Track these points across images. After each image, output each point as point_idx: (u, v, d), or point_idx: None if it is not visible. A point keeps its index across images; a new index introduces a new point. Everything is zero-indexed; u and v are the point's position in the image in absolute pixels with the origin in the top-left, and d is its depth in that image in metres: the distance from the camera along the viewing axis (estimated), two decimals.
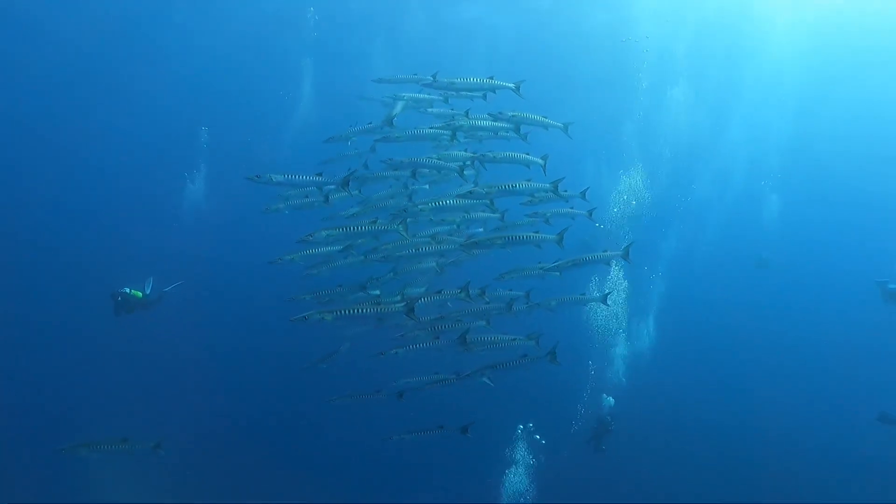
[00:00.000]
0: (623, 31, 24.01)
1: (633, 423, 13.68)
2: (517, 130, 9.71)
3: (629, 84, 23.70)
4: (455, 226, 9.64)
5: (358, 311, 8.49)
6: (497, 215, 9.62)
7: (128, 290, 11.91)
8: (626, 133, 23.27)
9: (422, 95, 10.15)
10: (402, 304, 8.71)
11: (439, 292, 9.45)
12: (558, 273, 9.76)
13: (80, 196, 22.91)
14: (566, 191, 9.67)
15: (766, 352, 21.47)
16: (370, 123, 9.66)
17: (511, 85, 9.79)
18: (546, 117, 9.96)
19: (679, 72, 25.78)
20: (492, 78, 9.73)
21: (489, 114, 9.68)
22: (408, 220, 8.91)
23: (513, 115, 9.56)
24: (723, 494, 14.29)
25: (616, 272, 13.34)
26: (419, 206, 8.85)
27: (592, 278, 13.29)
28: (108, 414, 13.14)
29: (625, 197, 15.81)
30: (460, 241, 9.31)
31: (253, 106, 24.50)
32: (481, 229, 10.34)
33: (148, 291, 12.35)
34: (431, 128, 9.72)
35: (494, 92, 9.86)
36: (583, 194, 9.96)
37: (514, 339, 9.91)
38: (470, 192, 9.00)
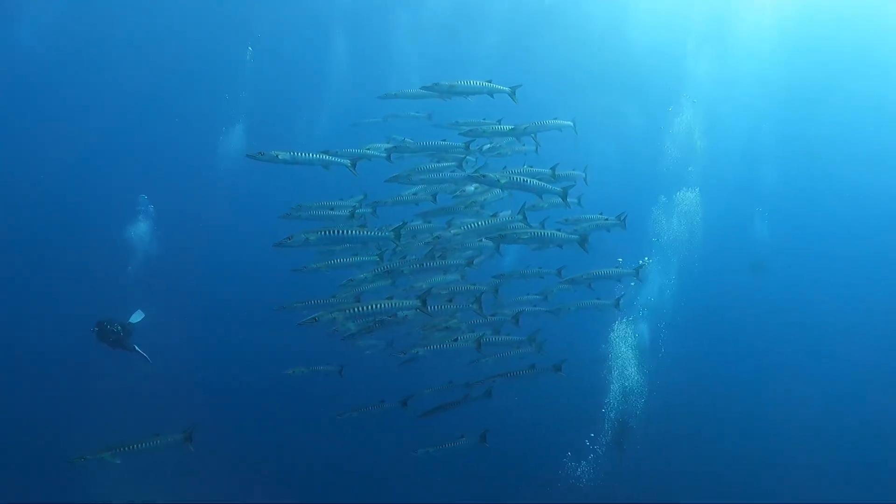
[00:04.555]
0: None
1: (652, 423, 13.76)
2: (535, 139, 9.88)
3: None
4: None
5: (370, 308, 8.30)
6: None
7: (108, 325, 11.46)
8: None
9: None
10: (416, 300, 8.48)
11: (451, 300, 9.55)
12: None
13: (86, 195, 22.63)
14: (606, 217, 9.88)
15: (778, 349, 21.42)
16: (368, 148, 9.34)
17: (506, 89, 9.70)
18: (556, 118, 10.02)
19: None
20: (489, 81, 9.64)
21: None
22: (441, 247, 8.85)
23: (526, 127, 9.65)
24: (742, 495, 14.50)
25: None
26: (452, 232, 8.79)
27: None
28: (109, 417, 13.08)
29: None
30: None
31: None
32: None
33: (135, 321, 11.93)
34: (444, 140, 9.80)
35: (492, 96, 9.73)
36: (622, 220, 9.99)
37: (519, 346, 10.31)
38: (479, 174, 8.73)
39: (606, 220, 9.98)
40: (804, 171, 31.49)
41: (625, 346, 13.16)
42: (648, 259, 10.50)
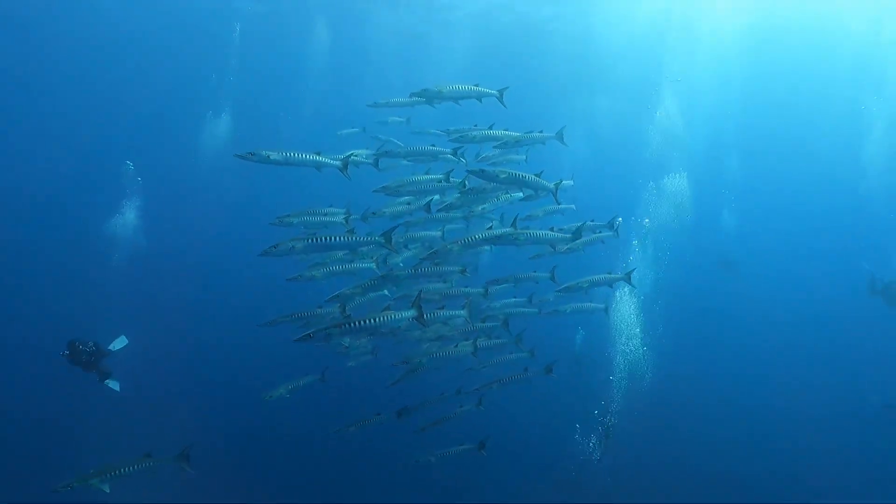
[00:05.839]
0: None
1: (632, 428, 13.97)
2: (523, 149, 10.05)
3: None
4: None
5: (367, 322, 7.98)
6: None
7: (80, 345, 10.88)
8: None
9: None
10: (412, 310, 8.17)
11: (442, 307, 9.55)
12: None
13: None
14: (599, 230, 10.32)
15: (759, 351, 21.79)
16: (357, 154, 9.18)
17: (495, 92, 9.72)
18: (542, 131, 10.06)
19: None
20: (476, 85, 9.65)
21: (495, 146, 9.84)
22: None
23: (518, 138, 9.70)
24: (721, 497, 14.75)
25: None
26: (449, 246, 8.76)
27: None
28: (105, 424, 12.72)
29: None
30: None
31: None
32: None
33: (116, 348, 11.34)
34: (433, 145, 9.78)
35: (480, 100, 9.72)
36: (612, 225, 10.48)
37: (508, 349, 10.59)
38: (478, 169, 8.81)
39: (600, 232, 10.38)
40: (768, 167, 32.48)
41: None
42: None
